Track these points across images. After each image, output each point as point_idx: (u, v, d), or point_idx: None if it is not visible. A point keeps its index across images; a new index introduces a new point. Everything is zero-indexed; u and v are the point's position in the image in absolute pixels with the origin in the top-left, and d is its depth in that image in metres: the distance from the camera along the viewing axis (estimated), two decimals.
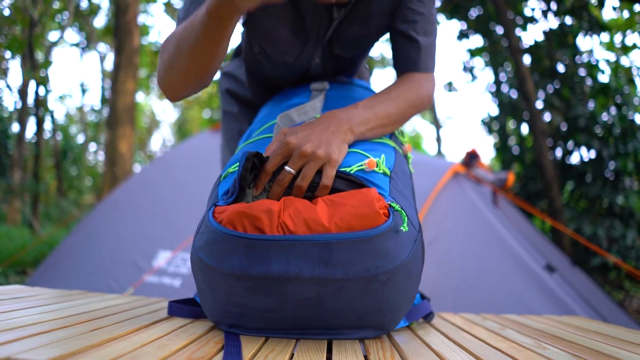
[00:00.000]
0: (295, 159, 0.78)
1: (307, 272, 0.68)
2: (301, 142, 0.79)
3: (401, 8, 1.01)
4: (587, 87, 4.51)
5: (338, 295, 0.70)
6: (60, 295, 1.07)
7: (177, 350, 0.60)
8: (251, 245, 0.68)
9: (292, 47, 1.04)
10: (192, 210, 2.53)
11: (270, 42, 1.04)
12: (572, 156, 4.47)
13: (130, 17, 6.10)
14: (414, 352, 0.68)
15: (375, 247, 0.69)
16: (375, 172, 0.82)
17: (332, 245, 0.67)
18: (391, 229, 0.71)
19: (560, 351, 0.72)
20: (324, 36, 1.03)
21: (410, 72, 1.04)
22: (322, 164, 0.78)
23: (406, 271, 0.73)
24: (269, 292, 0.69)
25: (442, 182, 2.46)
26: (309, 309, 0.71)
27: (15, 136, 9.04)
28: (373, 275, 0.69)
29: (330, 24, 1.00)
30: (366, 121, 0.88)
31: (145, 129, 20.41)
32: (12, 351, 0.52)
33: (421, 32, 1.02)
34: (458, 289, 2.05)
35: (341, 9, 0.98)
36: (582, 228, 3.89)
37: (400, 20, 1.02)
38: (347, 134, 0.84)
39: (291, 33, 1.01)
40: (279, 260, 0.68)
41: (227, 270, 0.70)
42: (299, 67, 1.10)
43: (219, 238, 0.70)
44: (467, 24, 5.31)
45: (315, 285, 0.68)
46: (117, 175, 5.78)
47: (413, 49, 1.02)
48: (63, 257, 2.68)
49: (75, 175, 15.09)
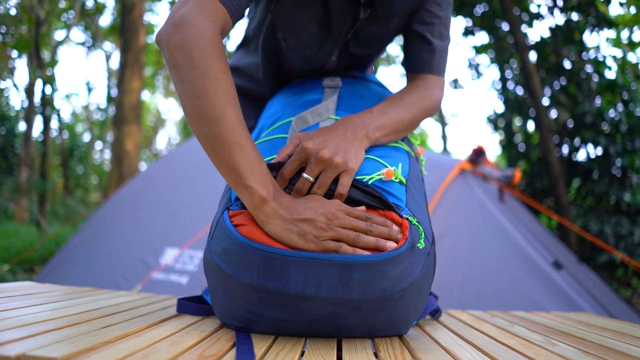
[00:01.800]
0: (312, 166, 0.76)
1: (325, 292, 0.67)
2: (318, 147, 0.77)
3: (419, 9, 1.01)
4: (594, 84, 4.49)
5: (353, 313, 0.70)
6: (71, 292, 1.08)
7: (189, 348, 0.61)
8: (270, 259, 0.68)
9: (314, 42, 1.03)
10: (198, 208, 2.54)
11: (295, 34, 1.02)
12: (578, 153, 4.44)
13: (136, 15, 6.12)
14: (423, 349, 0.68)
15: (393, 268, 0.69)
16: (392, 182, 0.82)
17: (352, 266, 0.67)
18: (408, 247, 0.71)
19: (571, 347, 0.72)
20: (345, 35, 1.02)
21: (421, 73, 1.03)
22: (339, 172, 0.77)
23: (418, 286, 0.73)
24: (284, 305, 0.69)
25: (448, 179, 2.45)
26: (323, 323, 0.71)
27: (22, 135, 9.08)
28: (389, 295, 0.69)
29: (355, 23, 0.99)
30: (382, 127, 0.87)
31: (151, 127, 20.46)
32: (26, 347, 0.52)
33: (437, 35, 1.02)
34: (464, 286, 2.04)
35: (367, 9, 0.97)
36: (589, 225, 3.87)
37: (417, 22, 1.02)
38: (363, 140, 0.83)
39: (317, 28, 1.00)
40: (297, 278, 0.67)
41: (244, 280, 0.69)
42: (315, 62, 1.09)
43: (238, 247, 0.70)
44: (473, 20, 5.29)
45: (332, 305, 0.68)
46: (123, 174, 5.80)
47: (427, 50, 1.02)
48: (70, 254, 2.69)
49: (81, 174, 15.15)
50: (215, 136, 0.70)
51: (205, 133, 0.71)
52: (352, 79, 1.07)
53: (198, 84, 0.71)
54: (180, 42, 0.72)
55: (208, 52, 0.72)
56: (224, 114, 0.71)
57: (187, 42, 0.72)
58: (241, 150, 0.71)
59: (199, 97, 0.71)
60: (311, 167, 0.76)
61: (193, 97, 0.71)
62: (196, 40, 0.72)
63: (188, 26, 0.73)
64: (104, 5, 10.93)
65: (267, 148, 0.88)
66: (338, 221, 0.70)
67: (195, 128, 0.72)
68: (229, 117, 0.71)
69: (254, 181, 0.70)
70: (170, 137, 23.00)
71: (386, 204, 0.77)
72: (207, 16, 0.74)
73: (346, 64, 1.12)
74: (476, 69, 5.98)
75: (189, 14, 0.73)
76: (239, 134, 0.71)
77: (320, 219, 0.70)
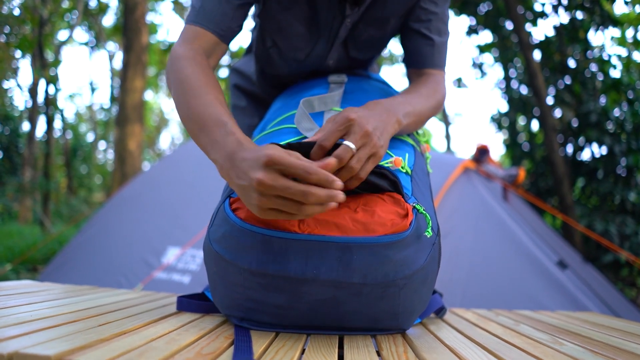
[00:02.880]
0: (357, 136, 0.70)
1: (325, 274, 0.66)
2: (363, 120, 0.72)
3: (415, 8, 1.02)
4: (599, 83, 4.46)
5: (355, 298, 0.68)
6: (69, 290, 1.07)
7: (187, 345, 0.59)
8: (269, 242, 0.67)
9: (304, 43, 1.03)
10: (200, 207, 2.53)
11: (284, 36, 1.03)
12: (583, 152, 4.41)
13: (138, 15, 6.12)
14: (427, 347, 0.67)
15: (397, 253, 0.68)
16: (399, 171, 0.81)
17: (352, 248, 0.66)
18: (413, 233, 0.70)
19: (578, 347, 0.70)
20: (335, 34, 1.02)
21: (424, 68, 1.04)
22: (371, 154, 0.72)
23: (423, 275, 0.72)
24: (284, 290, 0.68)
25: (452, 178, 2.44)
26: (324, 309, 0.70)
27: (26, 135, 9.10)
28: (391, 281, 0.68)
29: (343, 22, 0.99)
30: (408, 115, 0.86)
31: (154, 127, 20.48)
32: (20, 345, 0.51)
33: (435, 31, 1.02)
34: (468, 284, 2.03)
35: (354, 7, 0.97)
36: (593, 225, 3.84)
37: (414, 20, 1.02)
38: (394, 125, 0.80)
39: (304, 28, 1.00)
40: (297, 260, 0.66)
41: (243, 265, 0.69)
42: (309, 65, 1.09)
43: (237, 232, 0.69)
44: (477, 19, 5.27)
45: (332, 288, 0.67)
46: (126, 173, 5.80)
47: (427, 45, 1.03)
48: (73, 254, 2.69)
49: (85, 174, 15.17)
50: (190, 130, 0.80)
51: (188, 129, 0.81)
52: (356, 76, 1.08)
53: (177, 91, 0.84)
54: (169, 68, 0.88)
55: (182, 65, 0.86)
56: (192, 109, 0.80)
57: (172, 68, 0.87)
58: (204, 131, 0.76)
59: (178, 103, 0.84)
60: (356, 137, 0.70)
61: (177, 104, 0.84)
62: (177, 63, 0.87)
63: (174, 57, 0.88)
64: (107, 5, 10.94)
65: (275, 136, 0.87)
66: (270, 191, 0.62)
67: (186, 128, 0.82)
68: (193, 110, 0.79)
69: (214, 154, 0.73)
70: (173, 136, 23.02)
71: (398, 189, 0.75)
72: (187, 46, 0.90)
73: (346, 67, 1.12)
74: (480, 68, 5.96)
75: (176, 48, 0.90)
76: (204, 118, 0.77)
77: (252, 190, 0.64)
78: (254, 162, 0.64)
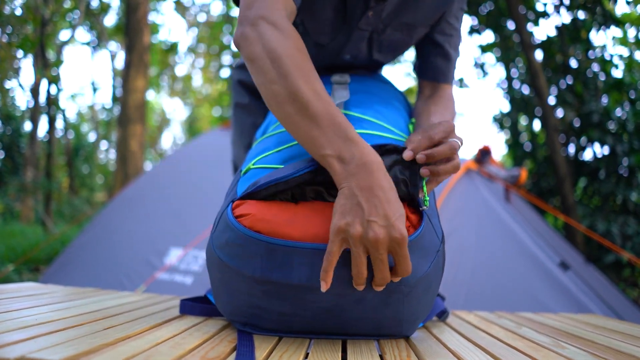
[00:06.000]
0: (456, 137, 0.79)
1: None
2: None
3: (441, 21, 1.05)
4: (601, 83, 4.45)
5: (358, 306, 0.69)
6: (73, 292, 1.07)
7: (191, 350, 0.60)
8: (274, 250, 0.67)
9: (330, 27, 1.03)
10: (203, 208, 2.53)
11: (314, 17, 1.01)
12: (585, 152, 4.40)
13: (140, 15, 6.12)
14: (430, 351, 0.67)
15: None
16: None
17: None
18: (417, 240, 0.70)
19: (579, 350, 0.70)
20: (357, 23, 1.01)
21: (440, 83, 1.07)
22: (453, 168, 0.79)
23: (427, 283, 0.72)
24: (288, 298, 0.68)
25: (454, 179, 2.44)
26: (328, 316, 0.70)
27: (28, 135, 9.11)
28: (395, 287, 0.68)
29: (365, 12, 0.98)
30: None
31: (155, 127, 20.49)
32: (26, 350, 0.52)
33: (453, 47, 1.07)
34: (470, 286, 2.03)
35: (380, 1, 0.96)
36: (595, 225, 3.84)
37: (438, 32, 1.06)
38: None
39: (333, 14, 1.00)
40: (301, 268, 0.67)
41: (248, 273, 0.69)
42: (329, 53, 1.08)
43: (241, 239, 0.69)
44: (478, 19, 5.26)
45: (336, 296, 0.68)
46: (128, 173, 5.81)
47: (444, 60, 1.07)
48: (75, 254, 2.69)
49: (87, 174, 15.19)
50: (286, 112, 0.72)
51: (280, 115, 0.73)
52: (360, 76, 1.08)
53: (270, 70, 0.73)
54: (256, 37, 0.76)
55: (275, 37, 0.75)
56: (298, 91, 0.71)
57: (261, 36, 0.75)
58: (316, 124, 0.70)
59: (273, 82, 0.72)
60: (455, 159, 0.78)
61: (268, 83, 0.73)
62: (267, 32, 0.75)
63: (260, 22, 0.76)
64: (109, 5, 10.94)
65: (275, 142, 0.87)
66: (375, 252, 0.63)
67: (274, 111, 0.74)
68: (302, 93, 0.71)
69: (331, 149, 0.68)
70: (175, 136, 23.03)
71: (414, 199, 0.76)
72: (272, 8, 0.78)
73: (362, 66, 1.13)
74: (482, 68, 5.95)
75: (261, 11, 0.77)
76: (314, 109, 0.70)
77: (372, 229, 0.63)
78: (401, 216, 0.65)
